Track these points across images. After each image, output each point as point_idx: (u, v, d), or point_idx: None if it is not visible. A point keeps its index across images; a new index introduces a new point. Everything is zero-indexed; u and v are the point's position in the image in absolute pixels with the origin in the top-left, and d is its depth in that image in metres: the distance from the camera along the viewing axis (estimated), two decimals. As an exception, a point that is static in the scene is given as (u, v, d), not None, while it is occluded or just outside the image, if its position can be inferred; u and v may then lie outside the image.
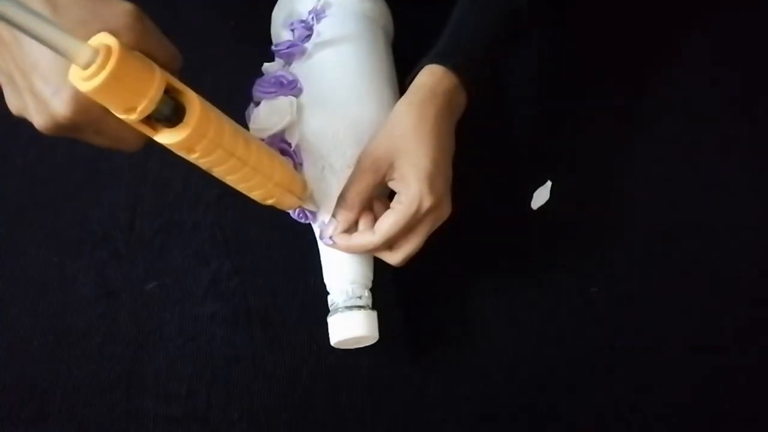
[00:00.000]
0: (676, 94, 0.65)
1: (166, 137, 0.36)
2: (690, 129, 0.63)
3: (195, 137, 0.36)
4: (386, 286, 0.54)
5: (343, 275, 0.49)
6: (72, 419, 0.51)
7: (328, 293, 0.50)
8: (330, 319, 0.49)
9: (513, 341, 0.55)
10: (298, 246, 0.56)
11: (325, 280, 0.50)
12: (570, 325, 0.55)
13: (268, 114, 0.49)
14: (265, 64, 0.53)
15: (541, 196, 0.59)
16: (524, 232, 0.58)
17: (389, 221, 0.46)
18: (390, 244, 0.48)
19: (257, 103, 0.51)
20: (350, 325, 0.48)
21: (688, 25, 0.68)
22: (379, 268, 0.51)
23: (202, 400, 0.52)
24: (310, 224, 0.52)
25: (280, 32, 0.55)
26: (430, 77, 0.49)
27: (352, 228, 0.49)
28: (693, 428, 0.53)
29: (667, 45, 0.67)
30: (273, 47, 0.53)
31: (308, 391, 0.53)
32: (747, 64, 0.66)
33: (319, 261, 0.51)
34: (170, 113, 0.36)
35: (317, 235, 0.51)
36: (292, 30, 0.53)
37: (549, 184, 0.59)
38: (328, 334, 0.49)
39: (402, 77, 0.52)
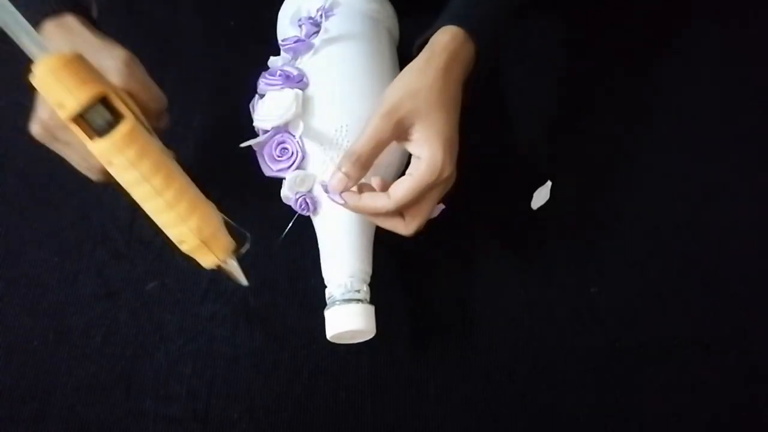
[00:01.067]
0: (676, 93, 0.65)
1: (90, 144, 0.41)
2: (690, 129, 0.63)
3: (112, 150, 0.41)
4: (386, 287, 0.54)
5: (341, 269, 0.49)
6: (72, 419, 0.51)
7: (325, 287, 0.50)
8: (327, 312, 0.48)
9: (513, 341, 0.55)
10: (298, 246, 0.56)
11: (324, 274, 0.50)
12: (570, 325, 0.55)
13: (273, 106, 0.49)
14: (271, 58, 0.54)
15: (541, 196, 0.59)
16: (524, 232, 0.58)
17: (406, 186, 0.45)
18: (401, 210, 0.47)
19: (262, 95, 0.51)
20: (347, 318, 0.47)
21: (688, 25, 0.68)
22: (381, 268, 0.51)
23: (202, 400, 0.52)
24: (309, 223, 0.52)
25: (287, 29, 0.55)
26: (452, 42, 0.47)
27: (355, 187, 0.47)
28: (693, 428, 0.53)
29: (668, 45, 0.67)
30: (280, 41, 0.53)
31: (308, 391, 0.53)
32: (747, 64, 0.66)
33: (319, 261, 0.51)
34: (103, 125, 0.41)
35: (317, 230, 0.51)
36: (300, 26, 0.53)
37: (549, 184, 0.59)
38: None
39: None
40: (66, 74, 0.40)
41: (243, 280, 0.49)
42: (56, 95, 0.41)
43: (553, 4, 0.67)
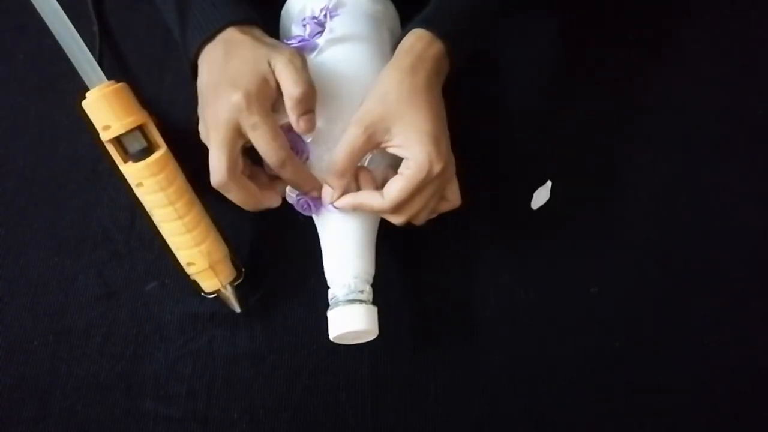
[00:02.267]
0: (676, 93, 0.65)
1: (125, 167, 0.50)
2: (690, 129, 0.63)
3: (145, 173, 0.49)
4: (386, 287, 0.54)
5: (345, 269, 0.49)
6: (72, 419, 0.51)
7: (328, 287, 0.50)
8: (330, 313, 0.48)
9: (513, 341, 0.55)
10: (298, 246, 0.56)
11: (326, 275, 0.50)
12: (570, 325, 0.55)
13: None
14: None
15: (541, 196, 0.59)
16: (524, 232, 0.58)
17: (398, 186, 0.46)
18: (398, 208, 0.47)
19: None
20: (351, 318, 0.47)
21: (687, 25, 0.68)
22: (379, 269, 0.51)
23: (202, 400, 0.52)
24: (311, 223, 0.52)
25: (291, 28, 0.55)
26: (418, 42, 0.49)
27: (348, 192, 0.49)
28: (693, 428, 0.53)
29: (667, 45, 0.67)
30: (285, 41, 0.53)
31: (308, 391, 0.53)
32: (747, 64, 0.66)
33: (319, 261, 0.51)
34: (138, 150, 0.49)
35: (319, 230, 0.51)
36: (304, 26, 0.53)
37: (549, 184, 0.59)
38: (328, 333, 0.49)
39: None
40: (115, 101, 0.49)
41: (237, 308, 0.53)
42: (104, 118, 0.49)
43: (552, 3, 0.67)
